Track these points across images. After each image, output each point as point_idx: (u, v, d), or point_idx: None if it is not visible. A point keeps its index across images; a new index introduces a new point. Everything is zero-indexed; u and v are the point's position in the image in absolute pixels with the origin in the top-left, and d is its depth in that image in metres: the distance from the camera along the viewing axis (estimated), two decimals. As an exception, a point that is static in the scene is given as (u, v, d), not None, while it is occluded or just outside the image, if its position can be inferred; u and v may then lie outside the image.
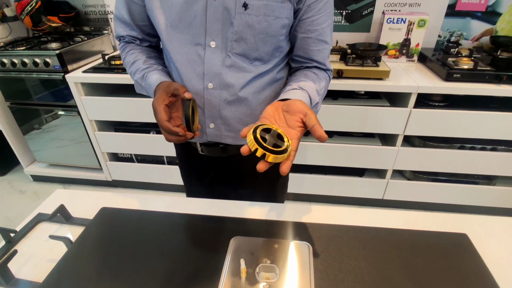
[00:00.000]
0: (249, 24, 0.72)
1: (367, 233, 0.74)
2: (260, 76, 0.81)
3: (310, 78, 0.81)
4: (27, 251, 0.74)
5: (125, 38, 0.88)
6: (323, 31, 0.79)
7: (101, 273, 0.66)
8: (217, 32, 0.74)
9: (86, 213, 0.83)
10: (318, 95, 0.79)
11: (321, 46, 0.81)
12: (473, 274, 0.64)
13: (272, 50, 0.78)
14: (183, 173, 1.14)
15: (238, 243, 0.71)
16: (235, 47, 0.75)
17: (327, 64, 0.85)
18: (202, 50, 0.76)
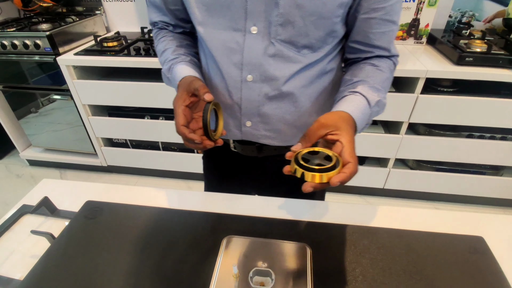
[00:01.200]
0: (298, 4, 0.60)
1: (373, 234, 0.68)
2: (308, 67, 0.70)
3: (362, 71, 0.70)
4: (9, 245, 0.71)
5: (158, 24, 0.82)
6: (391, 9, 0.65)
7: (84, 270, 0.62)
8: (260, 15, 0.63)
9: (73, 204, 0.79)
10: (376, 92, 0.67)
11: (386, 28, 0.67)
12: (490, 281, 0.58)
13: (324, 35, 0.66)
14: (207, 166, 1.03)
15: (231, 243, 0.66)
16: (280, 33, 0.64)
17: (391, 49, 0.71)
18: (242, 37, 0.66)
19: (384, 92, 0.69)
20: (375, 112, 0.68)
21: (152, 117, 1.99)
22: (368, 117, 0.66)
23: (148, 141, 2.12)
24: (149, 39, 2.01)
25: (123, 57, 1.79)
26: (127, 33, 2.11)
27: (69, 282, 0.60)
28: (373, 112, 0.67)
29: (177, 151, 2.11)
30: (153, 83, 1.82)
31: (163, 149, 2.13)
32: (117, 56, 1.80)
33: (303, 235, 0.68)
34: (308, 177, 0.51)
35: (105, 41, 1.88)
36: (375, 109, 0.67)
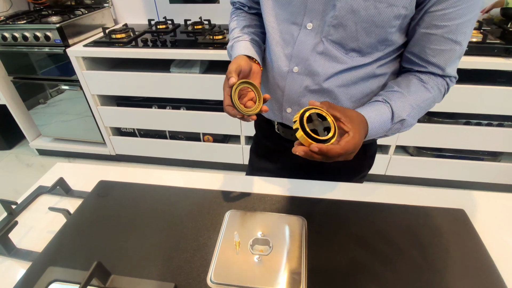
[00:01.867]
0: (354, 9, 0.62)
1: (363, 208, 0.74)
2: (353, 69, 0.71)
3: (407, 83, 0.70)
4: (27, 222, 0.76)
5: (236, 4, 0.88)
6: (456, 28, 0.62)
7: (97, 242, 0.68)
8: (317, 13, 0.67)
9: (85, 186, 0.84)
10: (408, 109, 0.67)
11: (446, 46, 0.64)
12: (469, 249, 0.63)
13: (375, 42, 0.66)
14: (254, 146, 1.09)
15: (233, 216, 0.71)
16: (332, 33, 0.67)
17: (447, 69, 0.68)
18: (297, 31, 0.70)
19: (416, 111, 0.69)
20: (395, 128, 0.69)
21: (160, 107, 2.05)
22: (385, 130, 0.67)
23: (155, 130, 2.17)
24: (156, 31, 2.06)
25: (131, 48, 1.84)
26: (134, 25, 2.16)
27: (84, 253, 0.65)
28: (393, 128, 0.68)
29: (184, 140, 2.17)
30: (160, 74, 1.88)
31: (170, 138, 2.19)
32: (125, 48, 1.85)
33: (300, 209, 0.73)
34: (299, 135, 0.56)
35: (114, 33, 1.93)
36: (396, 126, 0.68)
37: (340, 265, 0.61)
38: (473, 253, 0.62)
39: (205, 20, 2.10)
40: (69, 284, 0.57)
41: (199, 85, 1.86)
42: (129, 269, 0.61)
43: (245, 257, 0.62)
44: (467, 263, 0.61)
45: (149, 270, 0.61)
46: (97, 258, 0.56)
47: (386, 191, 0.80)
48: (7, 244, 0.67)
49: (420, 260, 0.61)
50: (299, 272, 0.59)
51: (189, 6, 2.15)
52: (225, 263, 0.61)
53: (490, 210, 0.74)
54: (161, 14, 2.21)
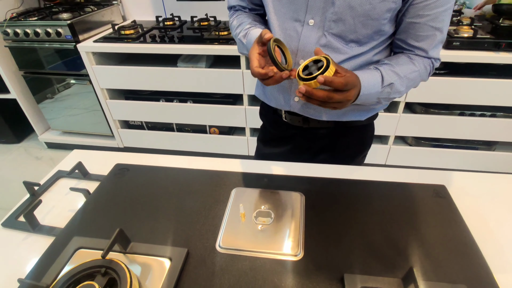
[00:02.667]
0: (351, 6, 0.70)
1: (354, 185, 0.81)
2: (354, 58, 0.79)
3: (397, 58, 0.78)
4: (49, 202, 0.81)
5: (235, 7, 0.94)
6: (436, 17, 0.71)
7: (117, 216, 0.73)
8: (317, 10, 0.74)
9: (101, 170, 0.89)
10: (395, 76, 0.75)
11: (429, 32, 0.74)
12: (448, 220, 0.70)
13: (371, 33, 0.75)
14: (261, 136, 1.15)
15: (239, 193, 0.78)
16: (332, 27, 0.74)
17: (430, 52, 0.77)
18: (300, 27, 0.77)
19: (404, 80, 0.76)
20: (385, 92, 0.75)
21: (167, 100, 2.12)
22: (377, 92, 0.74)
23: (163, 123, 2.24)
24: (163, 27, 2.13)
25: (139, 44, 1.91)
26: (142, 21, 2.24)
27: (105, 225, 0.71)
28: (383, 91, 0.75)
29: (191, 132, 2.24)
30: (167, 68, 1.95)
31: (177, 130, 2.26)
32: (134, 43, 1.92)
33: (299, 186, 0.80)
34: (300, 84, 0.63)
35: (123, 29, 2.00)
36: (386, 90, 0.75)
37: (332, 232, 0.67)
38: (451, 223, 0.69)
39: (211, 17, 2.17)
40: (93, 250, 0.63)
41: (205, 79, 1.93)
42: (146, 237, 0.67)
43: (250, 226, 0.69)
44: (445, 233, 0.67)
45: (164, 237, 0.67)
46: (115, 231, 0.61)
47: (377, 172, 0.86)
48: (32, 221, 0.72)
49: (404, 228, 0.68)
50: (298, 238, 0.65)
51: (195, 3, 2.23)
52: (232, 231, 0.68)
53: (468, 187, 0.81)
54: (168, 11, 2.29)
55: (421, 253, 0.62)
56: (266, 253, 0.63)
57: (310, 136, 0.98)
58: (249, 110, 2.00)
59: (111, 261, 0.57)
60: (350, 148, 1.02)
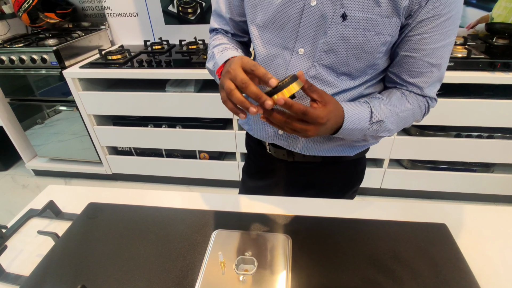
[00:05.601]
0: (344, 37, 0.65)
1: (347, 225, 0.75)
2: (344, 92, 0.74)
3: (389, 94, 0.73)
4: (17, 246, 0.76)
5: (218, 30, 0.88)
6: (433, 52, 0.66)
7: (85, 264, 0.68)
8: (308, 39, 0.69)
9: (76, 208, 0.84)
10: (387, 113, 0.69)
11: (424, 69, 0.69)
12: (450, 263, 0.64)
13: (364, 67, 0.70)
14: (246, 167, 1.10)
15: (219, 236, 0.72)
16: (323, 58, 0.70)
17: (425, 90, 0.72)
18: (289, 55, 0.72)
19: (396, 118, 0.71)
20: (373, 130, 0.70)
21: (155, 125, 2.07)
22: (363, 128, 0.68)
23: (151, 148, 2.19)
24: (151, 51, 2.11)
25: (126, 69, 1.88)
26: (131, 46, 2.21)
27: (70, 277, 0.65)
28: (371, 128, 0.69)
29: (180, 158, 2.18)
30: (156, 93, 1.91)
31: (166, 156, 2.20)
32: (121, 68, 1.88)
33: (286, 227, 0.75)
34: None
35: (110, 54, 1.97)
36: (374, 127, 0.69)
37: (322, 280, 0.61)
38: (454, 266, 0.64)
39: (200, 40, 2.15)
40: None
41: (194, 104, 1.89)
42: None
43: (230, 277, 0.62)
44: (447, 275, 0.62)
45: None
46: (83, 282, 0.57)
47: (371, 207, 0.81)
48: None
49: (402, 273, 0.62)
50: (285, 279, 0.60)
51: (183, 27, 2.21)
52: (210, 283, 0.62)
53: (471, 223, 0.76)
54: (156, 35, 2.27)
55: None
56: None
57: (295, 170, 0.93)
58: (239, 134, 1.95)
59: None
60: (338, 184, 0.95)
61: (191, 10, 2.15)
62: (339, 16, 0.64)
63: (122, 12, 2.22)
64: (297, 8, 0.67)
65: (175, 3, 2.13)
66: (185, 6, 2.13)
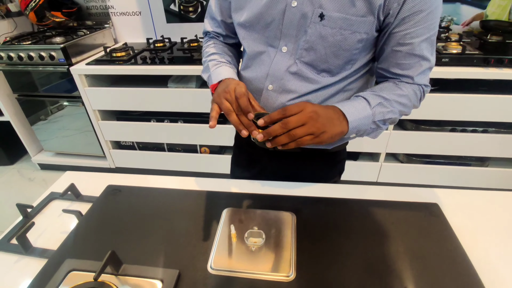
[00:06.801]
0: (322, 36, 0.70)
1: (345, 204, 0.80)
2: (325, 88, 0.79)
3: (381, 85, 0.76)
4: (42, 224, 0.81)
5: (210, 34, 0.94)
6: (419, 45, 0.70)
7: (108, 238, 0.74)
8: (291, 38, 0.74)
9: (93, 191, 0.90)
10: (380, 98, 0.72)
11: (413, 60, 0.72)
12: (442, 238, 0.69)
13: (343, 63, 0.75)
14: (233, 157, 1.16)
15: (229, 213, 0.78)
16: (304, 56, 0.74)
17: (415, 78, 0.74)
18: (274, 53, 0.78)
19: (393, 103, 0.73)
20: (379, 113, 0.72)
21: (158, 120, 2.13)
22: (368, 115, 0.71)
23: (154, 143, 2.25)
24: (154, 49, 2.16)
25: (130, 66, 1.93)
26: (133, 44, 2.27)
27: (97, 247, 0.71)
28: (376, 112, 0.71)
29: (182, 152, 2.24)
30: (158, 89, 1.97)
31: (168, 150, 2.26)
32: (125, 65, 1.94)
33: (290, 206, 0.79)
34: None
35: (114, 51, 2.03)
36: (378, 110, 0.72)
37: (324, 252, 0.67)
38: (445, 242, 0.68)
39: (200, 38, 2.20)
40: (85, 273, 0.63)
41: (195, 99, 1.95)
42: (138, 259, 0.67)
43: (241, 247, 0.68)
44: (439, 251, 0.66)
45: (155, 259, 0.67)
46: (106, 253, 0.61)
47: (368, 190, 0.86)
48: (24, 243, 0.72)
49: (396, 245, 0.68)
50: (289, 259, 0.65)
51: (185, 25, 2.27)
52: (223, 252, 0.67)
53: (461, 204, 0.81)
54: (158, 33, 2.33)
55: (415, 272, 0.62)
56: (257, 274, 0.63)
57: (277, 160, 0.98)
58: (239, 129, 1.99)
59: (103, 284, 0.58)
60: (318, 174, 0.99)
61: (192, 8, 2.21)
62: (317, 16, 0.68)
63: (125, 11, 2.28)
64: (279, 9, 0.72)
65: (177, 2, 2.20)
66: (186, 5, 2.19)
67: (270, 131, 0.65)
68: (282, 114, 0.64)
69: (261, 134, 0.66)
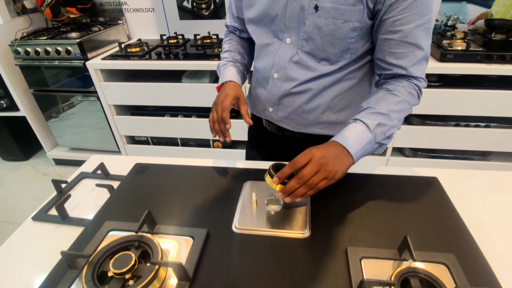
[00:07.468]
0: (318, 26, 0.76)
1: (353, 177, 0.87)
2: (325, 76, 0.84)
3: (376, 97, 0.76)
4: (75, 199, 0.88)
5: (229, 28, 1.06)
6: (410, 32, 0.70)
7: (142, 204, 0.82)
8: (293, 30, 0.81)
9: (120, 172, 0.96)
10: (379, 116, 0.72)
11: (406, 49, 0.73)
12: (440, 204, 0.78)
13: (340, 52, 0.79)
14: (248, 142, 1.24)
15: (250, 185, 0.86)
16: (304, 46, 0.81)
17: (409, 69, 0.75)
18: (279, 44, 0.86)
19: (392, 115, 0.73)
20: (380, 133, 0.72)
21: (172, 115, 2.19)
22: (370, 140, 0.71)
23: (168, 137, 2.30)
24: (167, 45, 2.21)
25: (145, 61, 1.99)
26: (147, 40, 2.31)
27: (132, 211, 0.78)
28: (376, 134, 0.71)
29: (195, 146, 2.30)
30: (172, 84, 2.02)
31: (181, 145, 2.32)
32: (140, 60, 1.99)
33: None
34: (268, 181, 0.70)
35: (129, 47, 2.08)
36: (378, 131, 0.71)
37: (335, 214, 0.76)
38: (444, 212, 0.76)
39: (213, 35, 2.26)
40: (123, 232, 0.70)
41: (209, 94, 2.00)
42: (170, 221, 0.75)
43: (261, 211, 0.77)
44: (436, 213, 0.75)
45: (186, 221, 0.76)
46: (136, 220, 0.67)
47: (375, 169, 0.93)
48: (62, 212, 0.79)
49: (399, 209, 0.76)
50: (305, 220, 0.74)
51: (197, 22, 2.32)
52: (246, 215, 0.76)
53: (459, 181, 0.89)
54: (171, 30, 2.37)
55: (415, 229, 0.70)
56: (277, 232, 0.71)
57: (285, 144, 1.05)
58: (252, 124, 2.06)
59: (143, 236, 0.65)
60: None
61: (204, 5, 2.25)
62: (313, 7, 0.75)
63: (138, 7, 2.33)
64: (282, 4, 0.80)
65: (190, -1, 2.24)
66: (199, 2, 2.24)
67: (288, 189, 0.65)
68: (293, 168, 0.65)
69: (280, 193, 0.67)
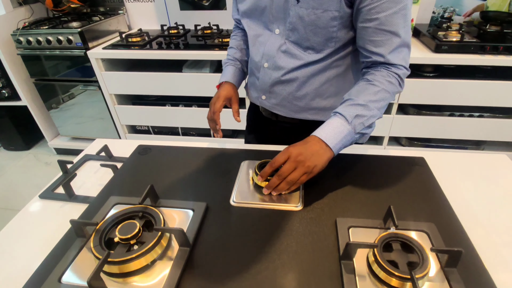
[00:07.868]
0: (300, 16, 0.79)
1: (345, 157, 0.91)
2: (312, 64, 0.88)
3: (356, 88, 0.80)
4: (80, 179, 0.91)
5: (235, 21, 1.12)
6: (386, 20, 0.72)
7: (145, 180, 0.85)
8: (280, 21, 0.85)
9: (123, 154, 0.99)
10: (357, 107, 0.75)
11: (383, 37, 0.75)
12: (425, 180, 0.82)
13: (323, 40, 0.82)
14: (246, 126, 1.29)
15: (247, 164, 0.90)
16: (290, 36, 0.85)
17: (387, 56, 0.77)
18: (269, 35, 0.90)
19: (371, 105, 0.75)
20: (359, 124, 0.74)
21: (173, 105, 2.21)
22: (349, 132, 0.74)
23: (168, 127, 2.34)
24: (168, 35, 2.24)
25: (146, 50, 2.01)
26: (148, 30, 2.33)
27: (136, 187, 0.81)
28: (355, 125, 0.74)
29: (195, 136, 2.33)
30: (173, 74, 2.05)
31: (182, 134, 2.35)
32: (141, 50, 2.02)
33: None
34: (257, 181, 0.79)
35: (130, 36, 2.11)
36: (357, 121, 0.74)
37: (326, 190, 0.79)
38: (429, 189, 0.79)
39: (214, 25, 2.28)
40: (128, 205, 0.73)
41: (209, 84, 2.03)
42: (172, 195, 0.79)
43: (258, 187, 0.80)
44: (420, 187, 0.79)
45: (186, 194, 0.80)
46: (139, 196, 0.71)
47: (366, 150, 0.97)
48: (69, 190, 0.82)
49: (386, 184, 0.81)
50: (298, 194, 0.78)
51: (198, 12, 2.34)
52: (243, 190, 0.80)
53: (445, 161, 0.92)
54: (172, 20, 2.39)
55: (399, 202, 0.75)
56: (272, 206, 0.76)
57: (279, 128, 1.10)
58: (252, 113, 2.09)
59: (146, 207, 0.69)
60: None
61: (205, -4, 2.27)
62: None
63: (139, -3, 2.34)
64: None
65: (191, -11, 2.26)
66: (199, -7, 2.26)
67: (270, 185, 0.75)
68: (273, 167, 0.74)
69: (265, 188, 0.76)
